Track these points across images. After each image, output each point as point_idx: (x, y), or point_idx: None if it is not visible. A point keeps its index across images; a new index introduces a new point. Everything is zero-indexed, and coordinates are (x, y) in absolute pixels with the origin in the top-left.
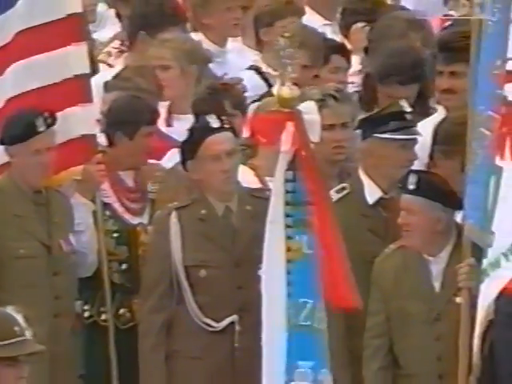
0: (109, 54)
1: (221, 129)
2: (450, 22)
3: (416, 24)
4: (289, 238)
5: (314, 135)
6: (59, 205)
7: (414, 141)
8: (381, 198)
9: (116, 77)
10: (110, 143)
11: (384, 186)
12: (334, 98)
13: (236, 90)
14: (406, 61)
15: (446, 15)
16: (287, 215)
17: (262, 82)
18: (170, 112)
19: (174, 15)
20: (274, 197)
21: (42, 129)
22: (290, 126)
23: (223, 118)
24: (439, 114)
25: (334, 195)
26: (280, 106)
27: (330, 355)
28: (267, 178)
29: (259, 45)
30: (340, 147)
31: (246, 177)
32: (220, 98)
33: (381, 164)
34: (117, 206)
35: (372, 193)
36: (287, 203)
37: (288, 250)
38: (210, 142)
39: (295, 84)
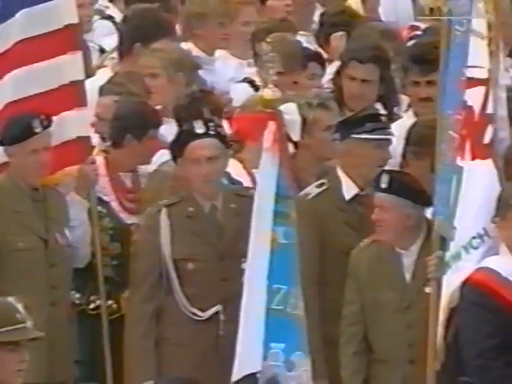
0: (113, 59)
1: (205, 135)
2: (417, 32)
3: (389, 34)
4: None
5: (295, 134)
6: (55, 201)
7: (389, 141)
8: (357, 195)
9: (109, 82)
10: (118, 145)
11: (360, 183)
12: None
13: (215, 97)
14: (366, 41)
15: (412, 25)
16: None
17: (249, 89)
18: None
19: (166, 27)
20: (259, 193)
21: (38, 130)
22: (271, 125)
23: (211, 124)
24: (408, 117)
25: (314, 190)
26: (263, 106)
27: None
28: (254, 170)
29: (256, 59)
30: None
31: (236, 169)
32: (199, 105)
33: (358, 163)
34: (114, 204)
35: (349, 189)
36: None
37: None
38: (192, 147)
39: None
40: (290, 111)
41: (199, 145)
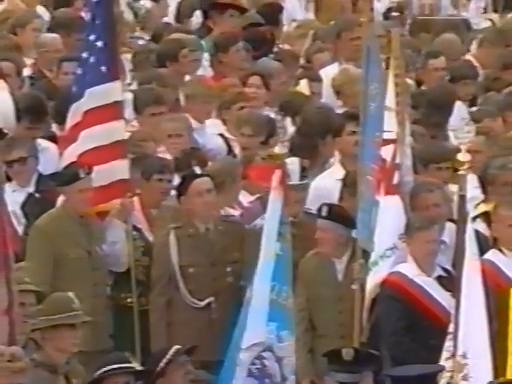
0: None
1: (202, 175)
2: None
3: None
4: None
5: (294, 179)
6: (95, 225)
7: (304, 185)
8: (292, 222)
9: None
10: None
11: (292, 214)
12: None
13: (201, 153)
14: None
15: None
16: None
17: (224, 144)
18: None
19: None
20: (268, 219)
21: (82, 175)
22: (277, 172)
23: (204, 168)
24: (337, 169)
25: (260, 221)
26: (273, 159)
27: None
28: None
29: (224, 121)
30: None
31: None
32: (189, 158)
33: (289, 201)
34: (144, 229)
35: None
36: None
37: None
38: (196, 183)
39: (245, 148)
40: (292, 163)
41: (200, 181)
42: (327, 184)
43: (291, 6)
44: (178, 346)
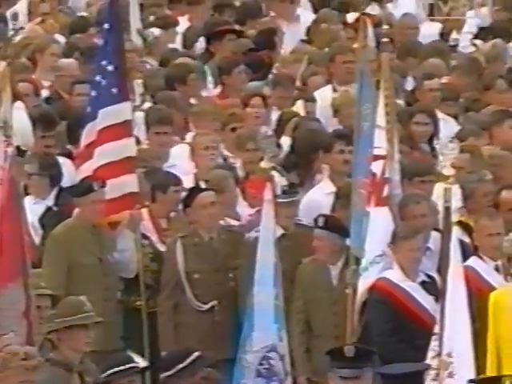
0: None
1: (206, 189)
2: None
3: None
4: None
5: (278, 191)
6: (106, 234)
7: (294, 202)
8: (283, 234)
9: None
10: (153, 200)
11: (284, 227)
12: None
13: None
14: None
15: None
16: None
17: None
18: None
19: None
20: (263, 228)
21: (96, 188)
22: (268, 185)
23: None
24: (326, 184)
25: (254, 234)
26: (261, 173)
27: None
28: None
29: (222, 140)
30: None
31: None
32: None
33: (280, 216)
34: (153, 238)
35: (278, 230)
36: None
37: None
38: (200, 197)
39: (247, 162)
40: (276, 176)
41: (204, 195)
42: (318, 198)
43: (290, 33)
44: (197, 353)
